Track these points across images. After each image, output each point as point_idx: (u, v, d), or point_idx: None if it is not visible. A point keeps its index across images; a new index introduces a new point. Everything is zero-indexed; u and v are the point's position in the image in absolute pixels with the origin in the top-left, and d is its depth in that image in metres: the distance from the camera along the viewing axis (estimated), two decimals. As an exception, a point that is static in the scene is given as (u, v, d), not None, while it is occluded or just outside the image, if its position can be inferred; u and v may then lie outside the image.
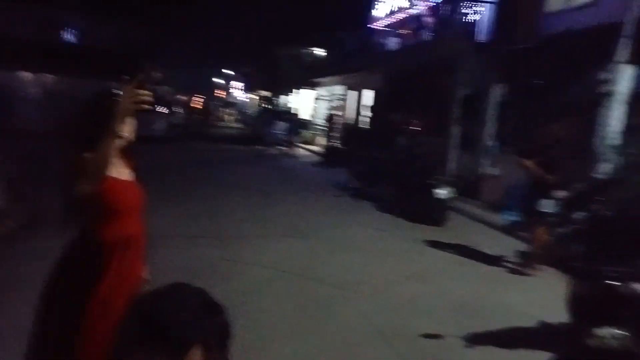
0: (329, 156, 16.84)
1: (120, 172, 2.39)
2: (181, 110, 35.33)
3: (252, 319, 4.25)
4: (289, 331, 4.14)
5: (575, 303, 3.67)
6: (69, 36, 22.90)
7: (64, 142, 2.36)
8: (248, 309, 4.41)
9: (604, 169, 7.76)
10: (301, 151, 20.07)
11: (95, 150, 2.12)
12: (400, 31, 18.15)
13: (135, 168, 2.54)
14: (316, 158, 18.21)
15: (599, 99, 8.21)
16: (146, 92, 1.87)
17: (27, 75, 22.71)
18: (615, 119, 8.06)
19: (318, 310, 4.61)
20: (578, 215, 6.06)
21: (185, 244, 6.23)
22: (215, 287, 0.87)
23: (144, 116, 1.98)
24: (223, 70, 56.98)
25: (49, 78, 23.45)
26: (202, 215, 7.92)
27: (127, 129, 2.21)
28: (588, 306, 3.36)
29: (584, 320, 3.31)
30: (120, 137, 1.98)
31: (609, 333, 3.11)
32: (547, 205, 5.87)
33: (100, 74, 20.08)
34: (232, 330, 0.88)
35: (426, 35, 16.02)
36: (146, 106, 1.90)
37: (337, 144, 17.99)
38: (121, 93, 1.89)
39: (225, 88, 61.03)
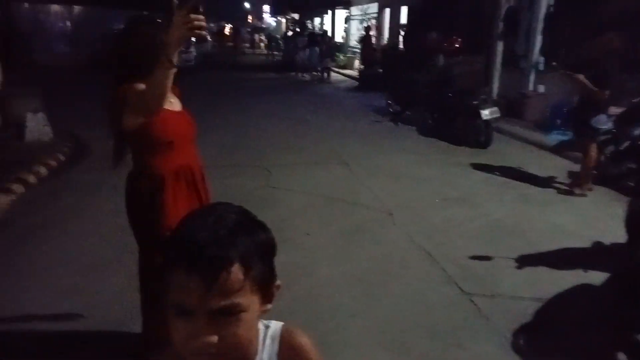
0: (365, 80, 16.37)
1: (171, 102, 2.32)
2: (211, 39, 34.70)
3: (298, 243, 4.32)
4: (336, 253, 4.19)
5: (632, 221, 3.55)
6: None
7: (108, 74, 2.28)
8: (293, 234, 4.48)
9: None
10: (336, 76, 19.58)
11: (146, 81, 2.03)
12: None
13: (180, 97, 2.47)
14: (352, 83, 17.77)
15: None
16: (200, 17, 1.74)
17: (55, 7, 22.54)
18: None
19: (363, 233, 4.63)
20: (633, 131, 5.78)
21: (227, 173, 6.27)
22: (259, 213, 0.82)
23: None
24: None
25: (77, 9, 23.25)
26: (241, 145, 7.95)
27: (176, 58, 2.13)
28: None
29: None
30: (174, 66, 1.89)
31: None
32: (599, 122, 5.58)
33: (127, 4, 19.70)
34: (275, 246, 0.87)
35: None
36: (202, 32, 1.80)
37: (373, 66, 17.40)
38: (175, 20, 1.77)
39: (256, 13, 59.36)
